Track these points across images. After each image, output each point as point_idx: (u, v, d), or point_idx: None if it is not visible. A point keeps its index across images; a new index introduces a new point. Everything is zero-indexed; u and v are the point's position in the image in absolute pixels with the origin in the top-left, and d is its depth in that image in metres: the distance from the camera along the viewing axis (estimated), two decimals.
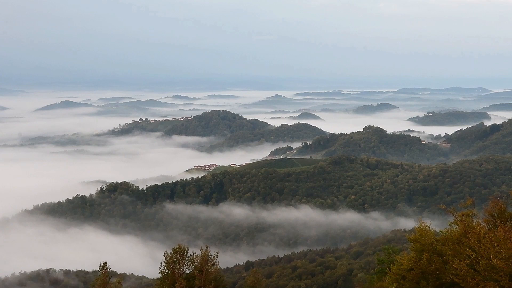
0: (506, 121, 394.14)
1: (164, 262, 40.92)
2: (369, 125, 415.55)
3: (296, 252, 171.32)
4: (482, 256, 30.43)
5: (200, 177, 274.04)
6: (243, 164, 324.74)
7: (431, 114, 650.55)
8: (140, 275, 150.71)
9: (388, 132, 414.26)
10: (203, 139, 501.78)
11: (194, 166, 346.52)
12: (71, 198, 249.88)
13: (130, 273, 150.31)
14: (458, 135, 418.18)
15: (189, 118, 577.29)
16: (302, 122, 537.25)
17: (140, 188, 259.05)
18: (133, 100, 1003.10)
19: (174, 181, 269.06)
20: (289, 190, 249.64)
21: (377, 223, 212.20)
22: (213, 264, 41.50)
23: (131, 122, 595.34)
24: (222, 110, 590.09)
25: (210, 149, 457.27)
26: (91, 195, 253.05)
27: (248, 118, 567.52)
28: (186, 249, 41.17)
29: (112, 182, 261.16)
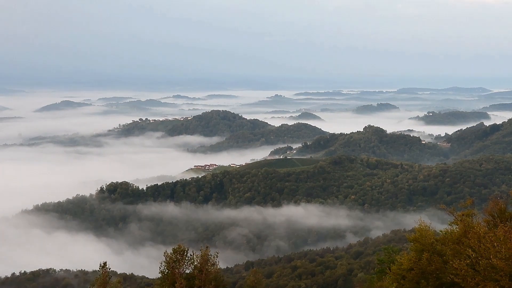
0: (506, 121, 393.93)
1: (164, 262, 40.92)
2: (369, 125, 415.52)
3: (296, 252, 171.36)
4: (482, 256, 30.44)
5: (200, 177, 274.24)
6: (243, 164, 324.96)
7: (431, 114, 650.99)
8: (140, 275, 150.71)
9: (388, 132, 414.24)
10: (203, 139, 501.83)
11: (194, 166, 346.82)
12: (71, 198, 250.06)
13: (130, 273, 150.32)
14: (458, 135, 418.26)
15: (189, 118, 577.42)
16: (302, 122, 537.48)
17: (140, 188, 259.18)
18: (133, 100, 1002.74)
19: (174, 181, 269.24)
20: (289, 190, 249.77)
21: (377, 223, 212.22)
22: (213, 264, 41.52)
23: (131, 122, 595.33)
24: (222, 110, 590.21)
25: (210, 149, 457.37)
26: (91, 195, 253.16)
27: (248, 118, 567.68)
28: (186, 249, 41.19)
29: (112, 182, 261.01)
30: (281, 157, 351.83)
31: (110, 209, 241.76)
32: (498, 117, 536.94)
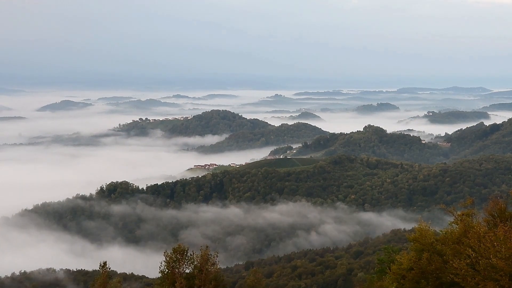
0: (506, 120, 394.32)
1: (164, 261, 40.93)
2: (369, 125, 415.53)
3: (296, 252, 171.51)
4: (482, 256, 30.44)
5: (200, 176, 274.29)
6: (243, 164, 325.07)
7: (431, 114, 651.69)
8: (140, 274, 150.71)
9: (388, 131, 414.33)
10: (203, 139, 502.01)
11: (194, 165, 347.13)
12: (71, 197, 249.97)
13: (130, 273, 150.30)
14: (458, 135, 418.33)
15: (189, 118, 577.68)
16: (302, 121, 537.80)
17: (140, 187, 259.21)
18: (133, 99, 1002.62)
19: (174, 180, 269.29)
20: (289, 189, 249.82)
21: (377, 222, 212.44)
22: (213, 264, 41.53)
23: (131, 121, 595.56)
24: (222, 110, 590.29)
25: (210, 148, 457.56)
26: (91, 194, 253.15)
27: (248, 118, 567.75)
28: (186, 249, 41.20)
29: (112, 182, 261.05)
30: (281, 157, 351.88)
31: (109, 210, 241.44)
32: (498, 117, 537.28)
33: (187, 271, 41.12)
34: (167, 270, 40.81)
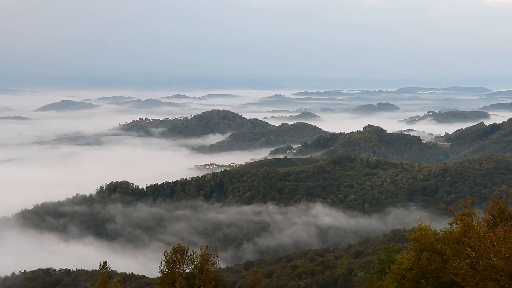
0: (506, 120, 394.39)
1: (164, 261, 40.92)
2: (369, 125, 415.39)
3: (295, 252, 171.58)
4: (482, 256, 30.43)
5: (200, 176, 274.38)
6: (243, 164, 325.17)
7: (431, 114, 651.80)
8: (140, 274, 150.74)
9: (388, 131, 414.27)
10: (203, 139, 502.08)
11: (194, 165, 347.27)
12: (71, 197, 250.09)
13: (130, 272, 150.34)
14: (458, 135, 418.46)
15: (189, 118, 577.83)
16: (302, 121, 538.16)
17: (140, 187, 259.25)
18: (133, 99, 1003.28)
19: (174, 180, 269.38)
20: (289, 189, 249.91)
21: (377, 222, 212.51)
22: (213, 264, 41.52)
23: (131, 121, 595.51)
24: (222, 110, 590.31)
25: (210, 148, 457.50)
26: (91, 194, 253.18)
27: (248, 118, 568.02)
28: (186, 249, 41.19)
29: (112, 181, 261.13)
30: (281, 157, 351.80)
31: (109, 210, 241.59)
32: (498, 117, 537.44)
33: (187, 271, 41.11)
34: (167, 270, 40.80)
